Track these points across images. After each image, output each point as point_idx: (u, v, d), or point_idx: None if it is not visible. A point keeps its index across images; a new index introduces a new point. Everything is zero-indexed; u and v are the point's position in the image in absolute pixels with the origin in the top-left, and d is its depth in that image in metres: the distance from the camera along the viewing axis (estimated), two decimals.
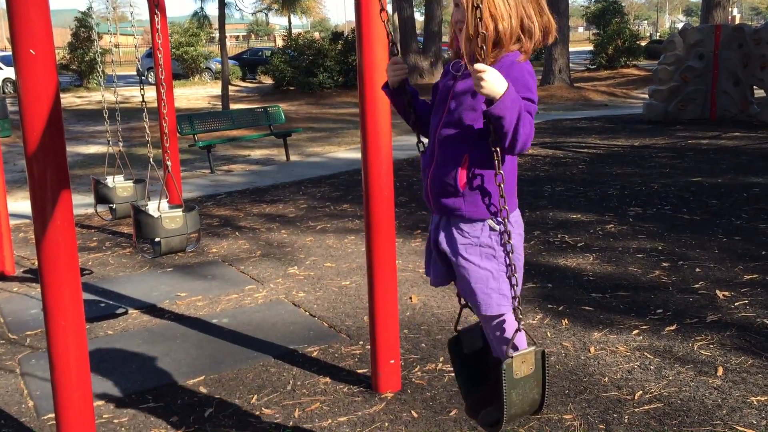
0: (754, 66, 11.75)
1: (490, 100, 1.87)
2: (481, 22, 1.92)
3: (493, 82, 1.85)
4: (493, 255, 2.11)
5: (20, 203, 7.55)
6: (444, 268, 2.23)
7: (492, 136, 1.95)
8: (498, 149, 1.96)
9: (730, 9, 22.13)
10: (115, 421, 3.09)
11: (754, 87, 12.26)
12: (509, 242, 2.03)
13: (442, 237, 2.17)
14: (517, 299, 2.09)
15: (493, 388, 2.14)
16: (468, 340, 2.35)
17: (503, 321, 2.17)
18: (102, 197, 5.32)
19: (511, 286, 2.08)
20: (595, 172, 8.44)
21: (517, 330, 2.08)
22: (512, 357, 2.00)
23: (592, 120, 13.85)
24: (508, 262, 2.05)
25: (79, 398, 2.57)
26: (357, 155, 3.70)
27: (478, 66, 1.87)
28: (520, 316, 2.07)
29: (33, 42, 2.33)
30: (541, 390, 2.09)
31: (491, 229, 2.11)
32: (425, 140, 2.27)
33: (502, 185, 1.99)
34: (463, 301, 2.30)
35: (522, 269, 2.18)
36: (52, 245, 2.45)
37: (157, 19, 5.18)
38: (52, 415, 2.73)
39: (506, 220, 2.03)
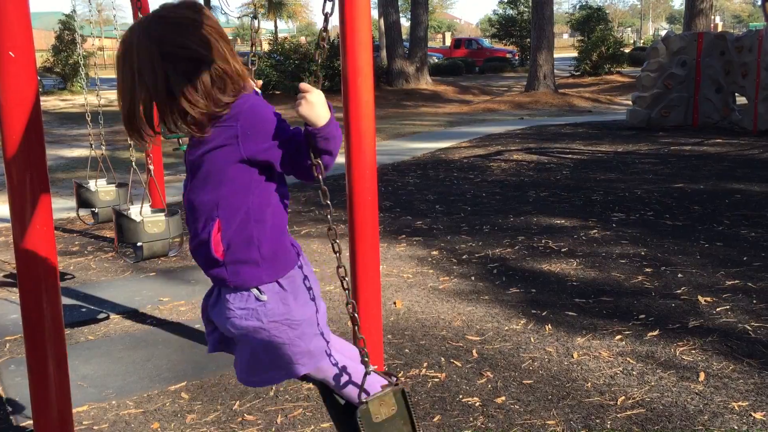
0: (735, 73, 11.88)
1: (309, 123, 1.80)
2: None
3: (316, 104, 1.80)
4: (261, 328, 1.90)
5: (0, 207, 7.47)
6: (218, 336, 2.06)
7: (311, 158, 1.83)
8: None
9: (712, 17, 22.38)
10: (95, 427, 3.05)
11: (736, 94, 12.40)
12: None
13: (213, 308, 1.99)
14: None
15: None
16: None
17: (338, 374, 2.03)
18: (84, 201, 5.28)
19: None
20: (580, 177, 8.48)
21: (367, 373, 1.96)
22: (366, 402, 1.90)
23: (577, 126, 13.93)
24: (259, 341, 1.89)
25: (58, 405, 2.53)
26: (342, 159, 3.70)
27: (304, 85, 1.81)
28: (366, 359, 1.97)
29: (13, 44, 2.30)
30: (410, 427, 2.00)
31: (257, 299, 1.90)
32: None
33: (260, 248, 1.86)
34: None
35: (307, 337, 1.95)
36: (31, 250, 2.41)
37: None
38: (32, 422, 2.69)
39: (254, 292, 1.88)
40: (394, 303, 4.44)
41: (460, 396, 3.20)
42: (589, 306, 4.26)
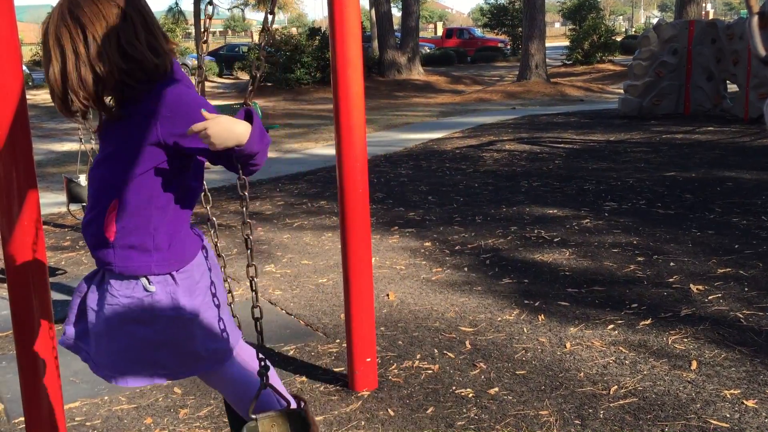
0: (726, 61, 11.89)
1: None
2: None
3: (223, 131, 1.63)
4: (143, 321, 1.80)
5: None
6: (82, 328, 1.91)
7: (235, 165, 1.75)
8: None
9: (703, 5, 22.39)
10: (88, 423, 3.04)
11: (727, 82, 12.41)
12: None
13: (93, 292, 1.87)
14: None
15: None
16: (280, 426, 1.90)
17: (232, 384, 1.94)
18: (74, 196, 5.24)
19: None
20: (572, 167, 8.48)
21: (264, 386, 1.81)
22: (256, 419, 1.74)
23: (569, 115, 13.93)
24: (137, 337, 1.78)
25: (49, 401, 2.52)
26: (332, 151, 3.67)
27: (196, 127, 1.63)
28: (265, 372, 1.82)
29: None
30: None
31: (145, 289, 1.79)
32: None
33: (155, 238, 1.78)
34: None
35: (196, 334, 1.86)
36: (19, 245, 2.39)
37: None
38: (23, 419, 2.68)
39: (142, 281, 1.78)
40: (387, 295, 4.44)
41: (454, 387, 3.20)
42: (581, 296, 4.27)
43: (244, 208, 1.90)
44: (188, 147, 1.74)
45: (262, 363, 1.85)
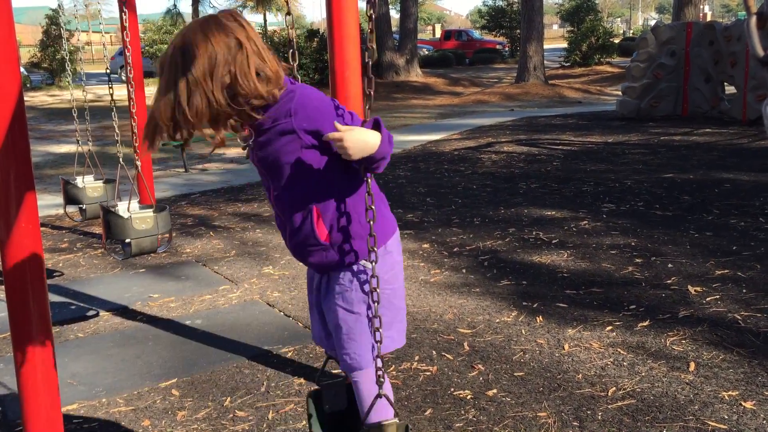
0: (724, 63, 11.90)
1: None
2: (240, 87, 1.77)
3: (360, 140, 1.77)
4: (370, 303, 1.98)
5: None
6: (323, 326, 2.10)
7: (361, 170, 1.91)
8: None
9: (701, 6, 22.40)
10: (85, 426, 3.04)
11: (725, 83, 12.43)
12: (376, 290, 1.91)
13: (323, 293, 2.06)
14: (379, 359, 1.91)
15: None
16: (331, 397, 2.12)
17: (372, 378, 2.00)
18: (71, 198, 5.24)
19: (376, 342, 1.92)
20: (570, 168, 8.49)
21: (378, 396, 1.90)
22: (368, 430, 1.83)
23: (567, 117, 13.94)
24: (371, 314, 1.92)
25: (47, 403, 2.52)
26: None
27: (332, 135, 1.76)
28: (381, 380, 1.89)
29: None
30: None
31: (365, 271, 1.98)
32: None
33: (371, 222, 1.92)
34: (330, 352, 2.14)
35: (400, 309, 2.06)
36: (17, 247, 2.39)
37: (125, 17, 5.10)
38: (21, 422, 2.67)
39: (374, 265, 1.92)
40: None
41: (452, 389, 3.20)
42: (579, 297, 4.27)
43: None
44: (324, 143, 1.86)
45: (382, 369, 1.94)
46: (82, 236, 6.29)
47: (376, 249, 1.91)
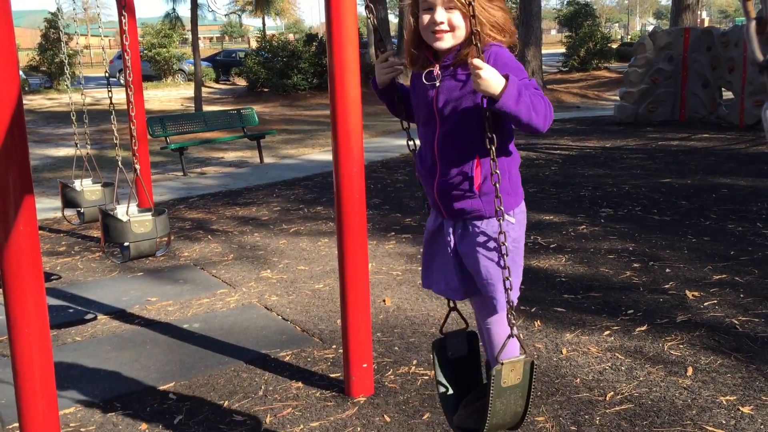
0: (722, 68, 11.93)
1: (491, 97, 1.88)
2: (476, 20, 1.92)
3: (491, 77, 1.86)
4: (511, 249, 2.12)
5: None
6: (460, 276, 2.20)
7: (513, 125, 2.00)
8: (496, 145, 1.99)
9: (699, 12, 22.46)
10: (82, 429, 3.03)
11: (723, 89, 12.45)
12: (504, 244, 2.05)
13: (460, 240, 2.17)
14: (510, 303, 2.04)
15: (476, 394, 2.10)
16: (453, 344, 2.29)
17: (504, 322, 2.13)
18: (69, 201, 5.23)
19: (505, 289, 2.05)
20: (568, 173, 8.50)
21: (510, 336, 2.03)
22: (502, 364, 1.94)
23: (565, 122, 13.96)
24: (503, 264, 2.05)
25: (44, 407, 2.51)
26: (331, 157, 3.67)
27: (477, 62, 1.86)
28: (513, 322, 2.03)
29: None
30: (524, 403, 2.04)
31: (508, 223, 2.14)
32: (416, 142, 2.25)
33: (510, 180, 2.11)
34: (452, 304, 2.30)
35: (521, 265, 2.21)
36: (15, 251, 2.39)
37: (124, 20, 5.10)
38: (18, 425, 2.67)
39: (506, 217, 2.09)
40: (384, 300, 4.44)
41: None
42: (577, 302, 4.27)
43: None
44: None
45: (513, 313, 2.05)
46: (80, 239, 6.28)
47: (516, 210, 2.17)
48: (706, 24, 40.44)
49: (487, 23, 2.02)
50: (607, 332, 3.79)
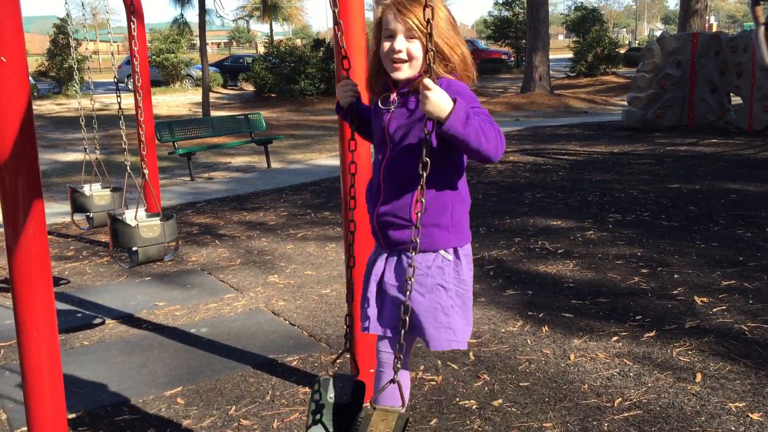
0: (730, 73, 11.90)
1: (438, 121, 1.81)
2: (438, 49, 1.92)
3: (439, 99, 1.81)
4: (444, 287, 2.07)
5: None
6: (388, 309, 2.12)
7: (464, 152, 1.94)
8: (453, 174, 1.98)
9: (707, 17, 22.42)
10: None
11: (731, 94, 12.42)
12: (411, 279, 1.85)
13: (390, 271, 2.12)
14: (401, 345, 1.81)
15: None
16: (338, 387, 2.06)
17: (407, 364, 2.12)
18: (78, 206, 5.25)
19: (400, 330, 1.82)
20: (576, 178, 8.48)
21: (392, 381, 1.82)
22: (375, 408, 1.78)
23: (572, 127, 13.94)
24: (444, 303, 2.01)
25: (52, 411, 2.52)
26: (338, 162, 3.73)
27: (427, 82, 1.80)
28: (399, 366, 1.81)
29: (4, 49, 2.29)
30: None
31: (444, 259, 2.08)
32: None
33: (455, 214, 2.03)
34: (348, 345, 2.14)
35: (467, 310, 2.14)
36: (24, 255, 2.40)
37: (133, 26, 5.12)
38: (26, 429, 2.67)
39: (441, 253, 2.03)
40: None
41: (457, 399, 3.19)
42: (585, 307, 4.26)
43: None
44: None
45: (400, 356, 1.87)
46: (89, 244, 6.30)
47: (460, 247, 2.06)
48: (715, 29, 40.34)
49: (448, 54, 2.03)
50: (615, 338, 3.78)
